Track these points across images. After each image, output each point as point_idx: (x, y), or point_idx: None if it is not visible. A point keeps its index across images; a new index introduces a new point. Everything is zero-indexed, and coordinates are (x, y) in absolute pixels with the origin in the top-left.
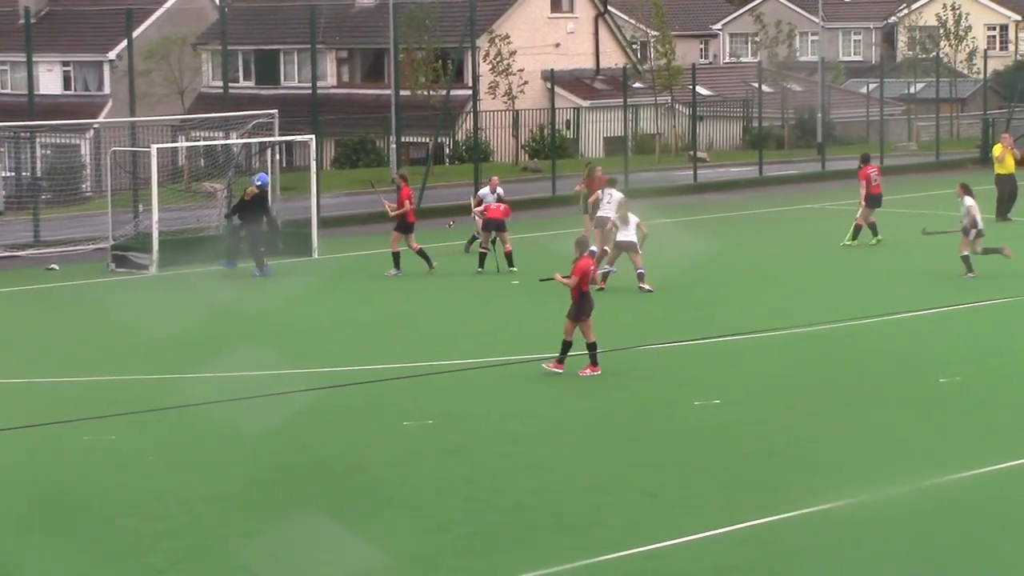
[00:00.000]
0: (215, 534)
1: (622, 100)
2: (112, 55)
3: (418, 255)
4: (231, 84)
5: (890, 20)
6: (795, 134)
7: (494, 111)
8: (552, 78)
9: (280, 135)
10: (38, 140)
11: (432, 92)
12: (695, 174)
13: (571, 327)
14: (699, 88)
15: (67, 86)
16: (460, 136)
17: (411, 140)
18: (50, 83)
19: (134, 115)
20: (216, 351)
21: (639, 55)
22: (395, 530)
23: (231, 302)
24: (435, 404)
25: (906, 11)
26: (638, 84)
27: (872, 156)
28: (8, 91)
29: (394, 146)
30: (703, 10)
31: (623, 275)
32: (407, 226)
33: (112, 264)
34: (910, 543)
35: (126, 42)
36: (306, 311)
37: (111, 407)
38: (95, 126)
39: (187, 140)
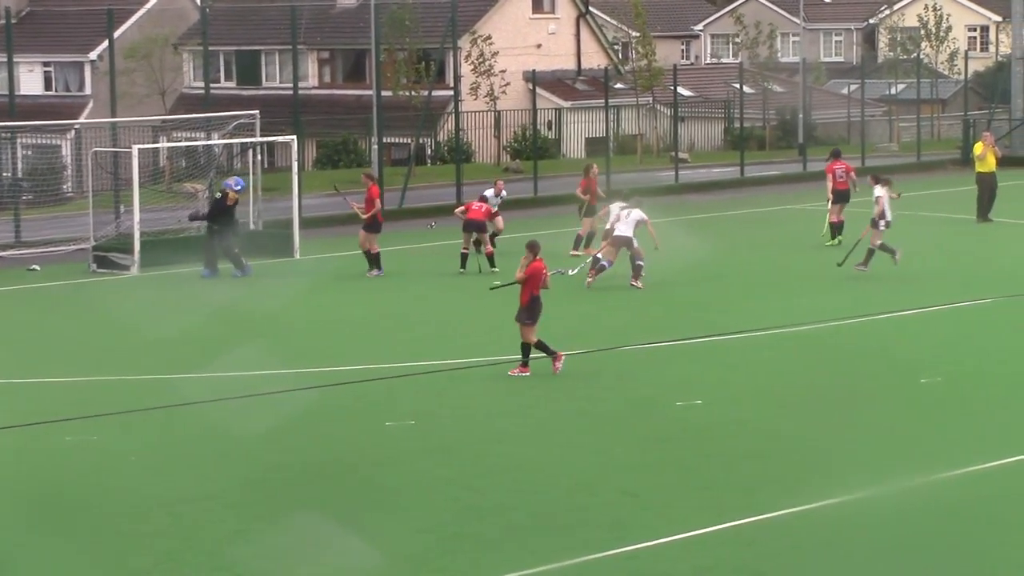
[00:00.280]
0: (199, 535)
1: (603, 101)
2: (93, 55)
3: (374, 256)
4: (212, 85)
5: (871, 21)
6: (776, 135)
7: (476, 112)
8: (534, 79)
9: (261, 136)
10: (19, 141)
11: (414, 93)
12: (676, 175)
13: (528, 330)
14: (680, 89)
15: (48, 86)
16: (442, 137)
17: (393, 141)
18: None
19: (115, 116)
20: (199, 352)
21: (621, 56)
22: (379, 530)
23: (213, 303)
24: (418, 404)
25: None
26: (619, 85)
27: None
28: None
29: (376, 147)
30: (684, 11)
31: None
32: (377, 226)
33: (93, 265)
34: (893, 543)
35: (107, 42)
36: (288, 312)
37: (93, 408)
38: (76, 127)
39: (168, 141)
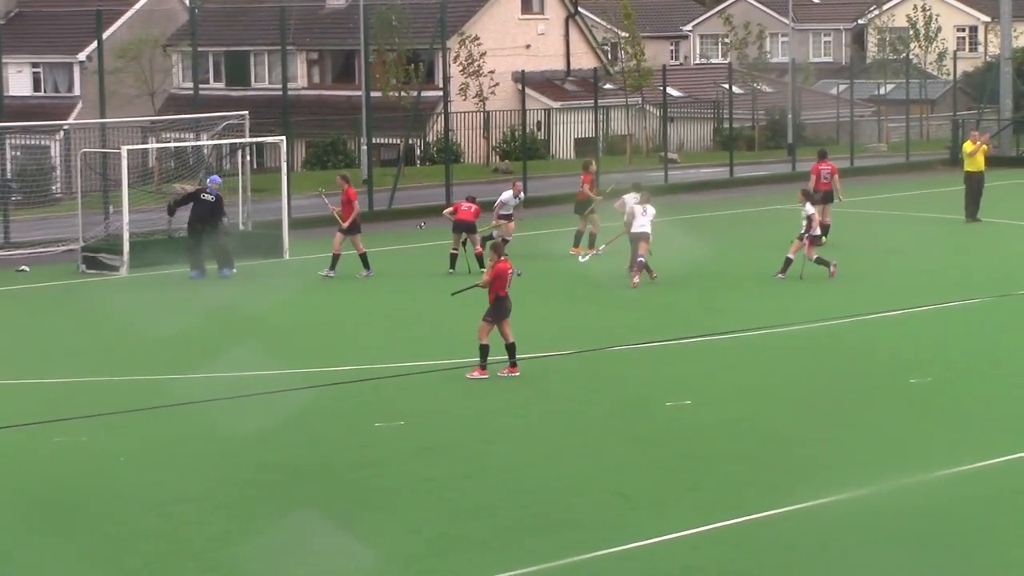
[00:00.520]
0: (188, 535)
1: (593, 101)
2: (82, 56)
3: (334, 257)
4: (201, 85)
5: (860, 21)
6: (765, 135)
7: (465, 112)
8: (523, 79)
9: (251, 137)
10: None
11: (403, 93)
12: (666, 175)
13: (486, 329)
14: (670, 89)
15: (37, 87)
16: (431, 137)
17: (382, 141)
18: (20, 84)
19: (104, 116)
20: (188, 353)
21: (610, 56)
22: (368, 531)
23: (203, 304)
24: (407, 405)
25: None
26: (609, 85)
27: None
28: None
29: (365, 147)
30: (673, 11)
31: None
32: (356, 226)
33: (82, 265)
34: (883, 543)
35: (96, 43)
36: (277, 312)
37: (83, 408)
38: (65, 127)
39: (157, 142)
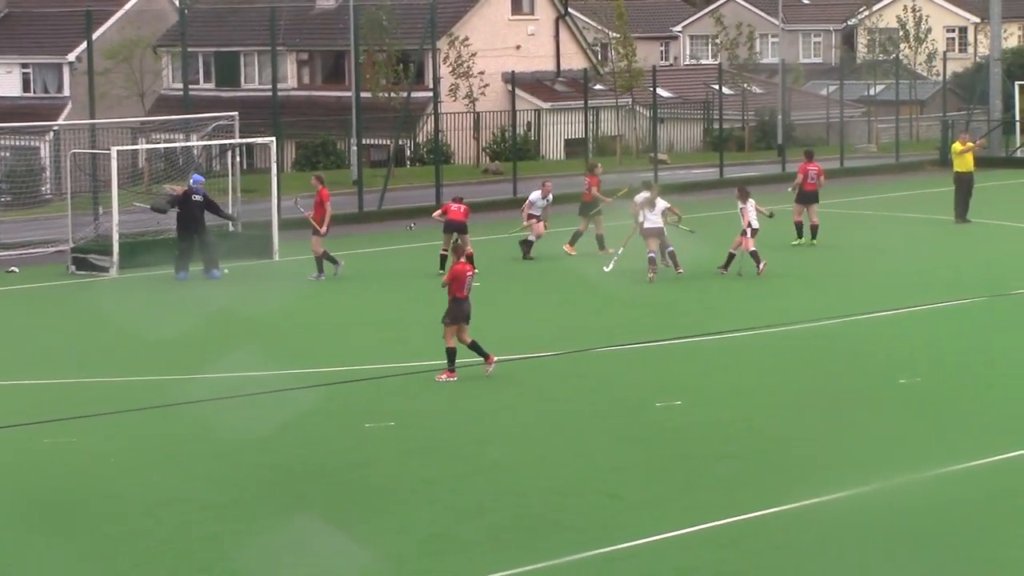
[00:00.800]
0: (178, 536)
1: (583, 102)
2: (72, 57)
3: (318, 259)
4: (191, 86)
5: (850, 22)
6: (756, 136)
7: (455, 113)
8: (513, 80)
9: (241, 137)
10: None
11: (393, 94)
12: (656, 176)
13: (451, 332)
14: (660, 90)
15: (26, 88)
16: (421, 138)
17: (372, 142)
18: (9, 85)
19: (94, 117)
20: (178, 353)
21: (600, 57)
22: (359, 531)
23: (192, 305)
24: (397, 405)
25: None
26: (599, 86)
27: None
28: None
29: (355, 148)
30: (663, 12)
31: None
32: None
33: (72, 266)
34: (875, 542)
35: (86, 44)
36: (267, 313)
37: (72, 409)
38: (55, 128)
39: (147, 142)
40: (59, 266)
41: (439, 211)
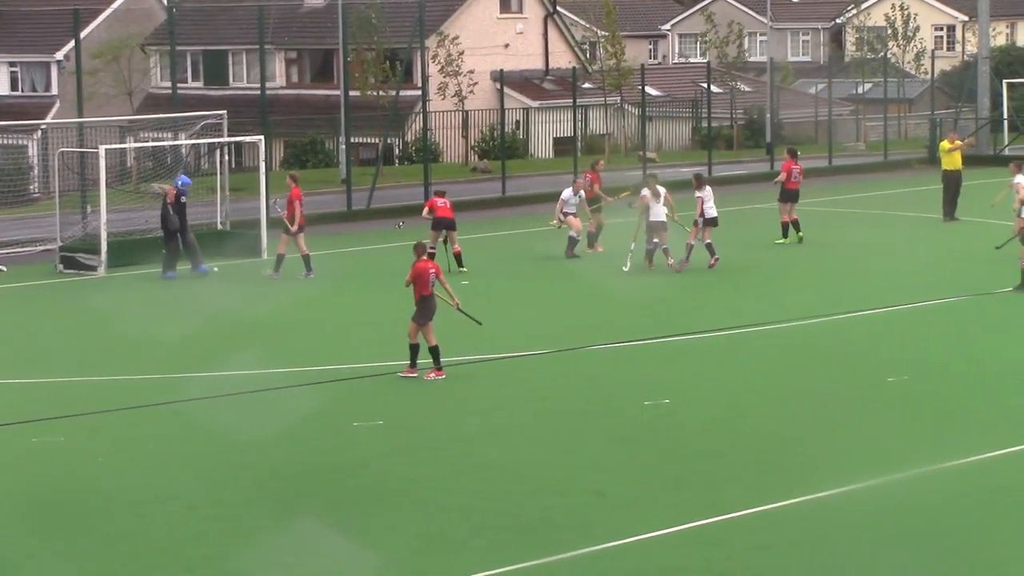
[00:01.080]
0: (166, 536)
1: (571, 101)
2: (60, 55)
3: (304, 258)
4: (180, 85)
5: (838, 21)
6: (744, 134)
7: (443, 112)
8: (501, 79)
9: (229, 136)
10: None
11: (381, 93)
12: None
13: (414, 330)
14: (648, 88)
15: (14, 87)
16: (409, 137)
17: (360, 141)
18: None
19: (82, 116)
20: (165, 352)
21: (588, 55)
22: (345, 531)
23: (180, 303)
24: (386, 405)
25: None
26: (587, 85)
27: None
28: None
29: (344, 147)
30: (652, 10)
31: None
32: (302, 228)
33: (60, 265)
34: (861, 541)
35: (74, 42)
36: (255, 312)
37: (60, 408)
38: (43, 127)
39: (135, 141)
40: (47, 265)
41: (426, 209)
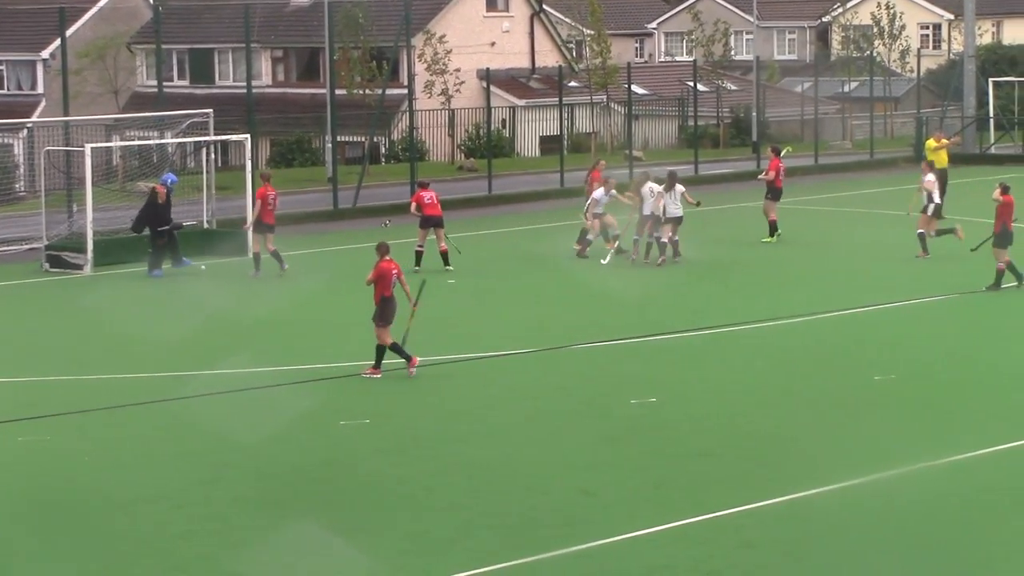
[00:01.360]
0: (153, 535)
1: (558, 99)
2: (45, 54)
3: (274, 255)
4: (165, 83)
5: (824, 19)
6: (730, 133)
7: (430, 110)
8: (488, 77)
9: (215, 134)
10: None
11: (367, 91)
12: (631, 173)
13: (384, 332)
14: (634, 87)
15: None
16: (396, 135)
17: (347, 139)
18: None
19: (68, 114)
20: (152, 351)
21: (575, 54)
22: (333, 529)
23: (167, 302)
24: (372, 404)
25: (840, 10)
26: (573, 83)
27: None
28: None
29: (330, 145)
30: (638, 9)
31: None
32: (262, 227)
33: (46, 264)
34: (848, 540)
35: (59, 41)
36: (241, 311)
37: (47, 407)
38: (28, 125)
39: (121, 140)
40: (33, 263)
41: (413, 205)
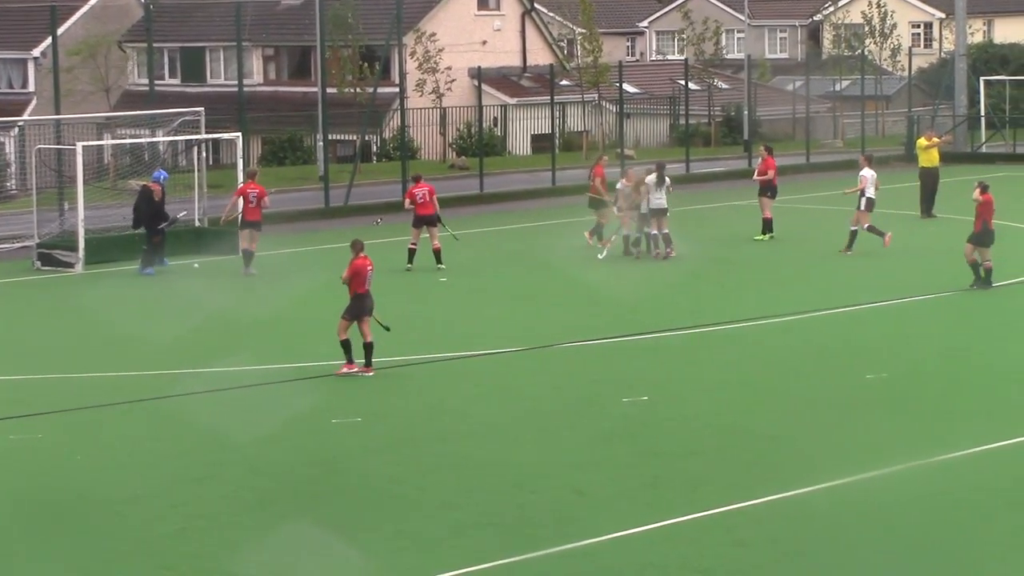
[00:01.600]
0: (144, 533)
1: (549, 98)
2: (37, 52)
3: (244, 255)
4: (157, 82)
5: (816, 18)
6: (722, 131)
7: (421, 109)
8: (479, 76)
9: (206, 133)
10: None
11: (359, 90)
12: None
13: (344, 325)
14: (626, 86)
15: None
16: (387, 134)
17: (338, 138)
18: None
19: (59, 113)
20: (143, 349)
21: (566, 52)
22: (324, 528)
23: (158, 300)
24: (364, 402)
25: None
26: (565, 82)
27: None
28: None
29: (321, 144)
30: (629, 8)
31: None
32: (247, 223)
33: (38, 262)
34: (840, 539)
35: (51, 39)
36: (233, 309)
37: (38, 406)
38: (19, 124)
39: (113, 138)
40: (24, 262)
41: (407, 201)
